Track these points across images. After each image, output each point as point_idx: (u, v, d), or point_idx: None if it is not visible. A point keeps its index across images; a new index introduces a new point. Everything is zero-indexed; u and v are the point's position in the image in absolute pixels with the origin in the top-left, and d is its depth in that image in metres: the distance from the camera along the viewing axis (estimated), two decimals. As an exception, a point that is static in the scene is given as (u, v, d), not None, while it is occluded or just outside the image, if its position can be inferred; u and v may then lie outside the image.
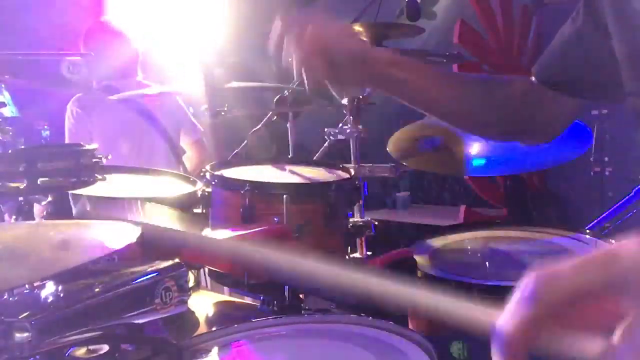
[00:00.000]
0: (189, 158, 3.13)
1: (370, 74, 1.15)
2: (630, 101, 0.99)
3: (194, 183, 1.80)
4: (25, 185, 1.28)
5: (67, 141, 2.90)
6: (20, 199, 1.37)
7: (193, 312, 1.60)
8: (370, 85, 1.53)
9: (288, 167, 1.82)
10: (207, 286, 2.13)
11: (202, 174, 1.85)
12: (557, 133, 1.25)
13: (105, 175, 1.43)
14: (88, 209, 1.53)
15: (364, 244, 1.69)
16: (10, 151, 1.57)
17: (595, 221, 2.03)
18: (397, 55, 1.18)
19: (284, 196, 1.53)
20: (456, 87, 1.21)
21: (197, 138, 3.14)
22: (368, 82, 1.37)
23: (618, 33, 0.98)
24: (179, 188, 1.77)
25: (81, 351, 1.01)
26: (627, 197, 2.05)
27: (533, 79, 1.20)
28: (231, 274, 1.55)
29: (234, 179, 1.67)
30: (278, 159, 1.90)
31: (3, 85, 2.91)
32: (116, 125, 2.90)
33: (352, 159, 1.89)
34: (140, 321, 1.03)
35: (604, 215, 2.04)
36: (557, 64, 1.16)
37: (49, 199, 1.50)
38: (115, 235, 0.99)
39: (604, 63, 1.02)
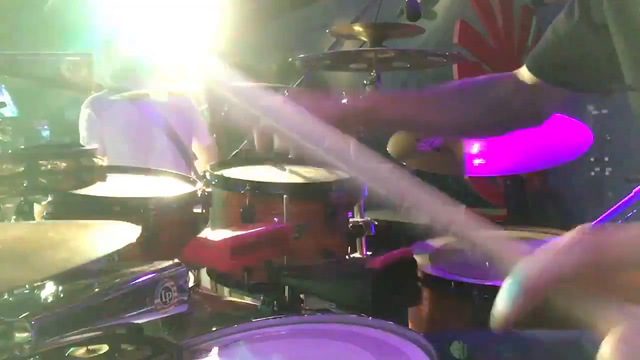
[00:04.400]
0: (199, 162, 3.13)
1: (353, 128, 1.19)
2: (632, 97, 1.00)
3: (194, 183, 1.80)
4: (25, 185, 1.28)
5: (81, 141, 2.91)
6: (21, 199, 1.37)
7: (193, 312, 1.60)
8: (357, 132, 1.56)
9: (288, 167, 1.82)
10: (207, 286, 2.13)
11: (202, 173, 1.84)
12: (545, 118, 1.30)
13: (105, 175, 1.43)
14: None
15: (364, 244, 1.69)
16: (10, 151, 1.57)
17: (595, 221, 2.03)
18: (373, 96, 1.22)
19: (284, 196, 1.53)
20: (440, 105, 1.25)
21: (209, 143, 3.13)
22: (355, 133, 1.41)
23: (619, 32, 0.98)
24: (179, 188, 1.77)
25: (81, 351, 1.01)
26: (627, 197, 2.04)
27: (520, 75, 1.23)
28: (231, 274, 1.55)
29: (234, 179, 1.67)
30: (278, 159, 1.90)
31: (3, 85, 2.91)
32: (127, 126, 2.91)
33: (352, 159, 1.88)
34: (140, 321, 1.03)
35: (604, 215, 2.04)
36: (552, 59, 1.19)
37: (49, 199, 1.50)
38: (115, 235, 0.99)
39: (597, 59, 1.05)
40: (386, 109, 1.22)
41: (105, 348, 1.02)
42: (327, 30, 1.94)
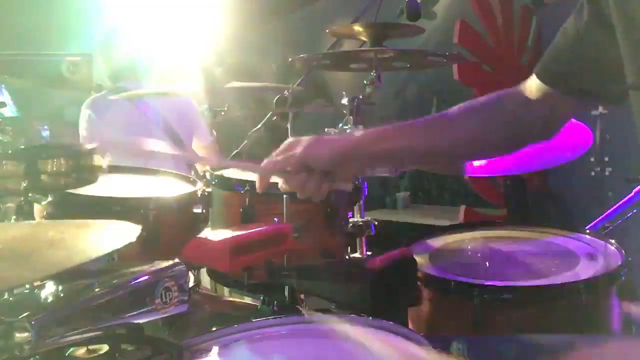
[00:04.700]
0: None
1: (361, 164, 1.23)
2: (633, 96, 1.00)
3: (194, 183, 1.80)
4: (25, 185, 1.28)
5: (81, 141, 2.90)
6: (21, 199, 1.37)
7: (193, 312, 1.60)
8: (369, 168, 1.56)
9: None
10: (207, 286, 2.13)
11: (202, 173, 1.84)
12: (556, 131, 1.27)
13: (105, 175, 1.43)
14: None
15: (364, 244, 1.69)
16: (10, 151, 1.57)
17: (595, 221, 2.03)
18: (379, 130, 1.21)
19: (284, 196, 1.53)
20: (449, 129, 1.22)
21: (209, 141, 3.13)
22: (365, 170, 1.47)
23: (623, 29, 0.98)
24: (179, 188, 1.77)
25: (81, 351, 1.01)
26: (627, 197, 2.04)
27: (527, 88, 1.20)
28: (231, 274, 1.55)
29: (234, 179, 1.67)
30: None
31: (3, 85, 2.91)
32: (127, 126, 2.90)
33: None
34: (140, 321, 1.03)
35: (604, 215, 2.04)
36: (563, 64, 1.15)
37: (49, 199, 1.50)
38: (115, 235, 0.99)
39: (609, 59, 1.02)
40: (393, 138, 1.19)
41: (105, 348, 1.02)
42: (327, 30, 1.94)
